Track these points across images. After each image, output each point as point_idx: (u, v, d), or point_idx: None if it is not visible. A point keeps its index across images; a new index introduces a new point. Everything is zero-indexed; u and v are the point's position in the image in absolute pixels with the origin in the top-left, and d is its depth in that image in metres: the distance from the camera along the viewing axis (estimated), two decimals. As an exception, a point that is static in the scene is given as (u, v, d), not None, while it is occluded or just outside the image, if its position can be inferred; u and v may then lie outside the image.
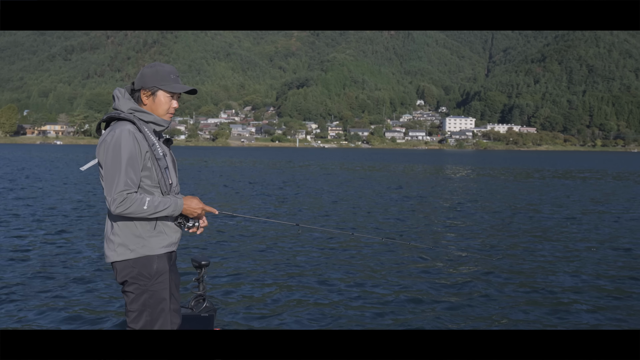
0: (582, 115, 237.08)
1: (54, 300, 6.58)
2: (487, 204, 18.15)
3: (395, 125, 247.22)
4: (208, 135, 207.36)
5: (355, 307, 6.66)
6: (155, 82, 3.07)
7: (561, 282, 7.82)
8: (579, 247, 10.54)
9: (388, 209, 16.38)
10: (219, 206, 16.42)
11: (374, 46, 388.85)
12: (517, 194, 21.88)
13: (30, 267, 8.17)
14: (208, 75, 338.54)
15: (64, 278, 7.61)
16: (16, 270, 8.02)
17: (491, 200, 19.22)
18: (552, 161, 72.91)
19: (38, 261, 8.61)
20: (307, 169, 41.82)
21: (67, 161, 48.84)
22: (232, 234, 11.52)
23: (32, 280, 7.44)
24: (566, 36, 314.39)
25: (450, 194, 22.01)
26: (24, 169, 34.94)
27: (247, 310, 6.51)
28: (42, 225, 12.26)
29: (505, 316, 6.35)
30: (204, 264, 4.19)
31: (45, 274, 7.82)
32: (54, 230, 11.54)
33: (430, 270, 8.38)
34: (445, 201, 18.89)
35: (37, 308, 6.26)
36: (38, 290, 6.97)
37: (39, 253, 9.23)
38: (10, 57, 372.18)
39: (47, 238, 10.66)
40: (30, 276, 7.66)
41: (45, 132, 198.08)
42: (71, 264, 8.44)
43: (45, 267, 8.18)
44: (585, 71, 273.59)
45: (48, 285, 7.22)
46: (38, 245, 9.95)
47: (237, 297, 7.03)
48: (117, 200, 2.86)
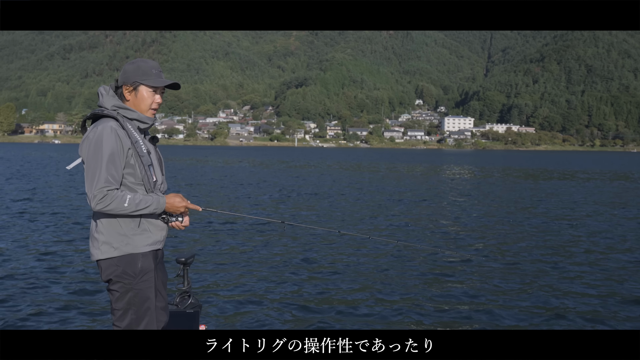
0: (581, 115, 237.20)
1: (41, 301, 6.56)
2: (495, 207, 18.15)
3: (394, 124, 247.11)
4: (206, 135, 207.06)
5: (343, 303, 6.70)
6: (137, 77, 3.05)
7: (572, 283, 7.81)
8: (582, 247, 10.54)
9: (386, 208, 16.38)
10: (216, 205, 16.41)
11: (373, 46, 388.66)
12: (524, 195, 21.87)
13: (19, 268, 8.15)
14: (207, 74, 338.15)
15: (51, 278, 7.59)
16: (5, 269, 7.99)
17: (501, 203, 19.21)
18: (556, 161, 72.90)
19: (26, 262, 8.59)
20: (304, 170, 41.79)
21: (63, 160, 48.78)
22: (219, 230, 11.59)
23: (21, 282, 7.42)
24: (565, 36, 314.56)
25: (457, 195, 22.01)
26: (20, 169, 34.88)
27: (232, 305, 6.57)
28: (31, 225, 12.25)
29: (504, 316, 6.36)
30: (187, 260, 4.18)
31: (32, 274, 7.79)
32: (44, 230, 11.54)
33: (424, 270, 8.37)
34: (450, 204, 18.89)
35: (25, 309, 6.24)
36: (24, 291, 6.95)
37: (26, 253, 9.23)
38: (9, 56, 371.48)
39: (35, 239, 10.67)
40: (19, 277, 7.63)
41: (44, 131, 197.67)
42: (59, 263, 8.42)
43: (33, 267, 8.16)
44: (584, 71, 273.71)
45: (35, 285, 7.19)
46: (26, 245, 9.95)
47: (222, 292, 7.09)
48: (97, 196, 2.84)
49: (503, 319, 6.21)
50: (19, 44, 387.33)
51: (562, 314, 6.40)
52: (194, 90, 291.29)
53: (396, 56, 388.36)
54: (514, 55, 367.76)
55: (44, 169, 34.64)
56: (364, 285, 7.50)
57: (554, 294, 7.19)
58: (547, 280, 7.94)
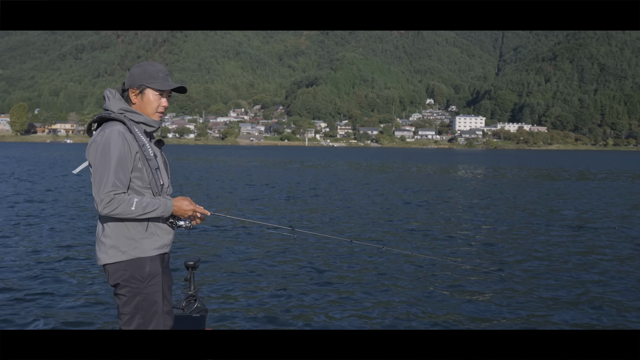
0: (594, 114, 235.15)
1: (48, 305, 6.54)
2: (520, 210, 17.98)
3: (404, 124, 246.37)
4: (217, 134, 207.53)
5: (350, 308, 6.63)
6: (143, 80, 3.04)
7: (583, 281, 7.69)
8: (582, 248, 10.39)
9: (400, 212, 16.28)
10: (222, 208, 16.41)
11: (384, 45, 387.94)
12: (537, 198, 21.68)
13: (24, 269, 8.14)
14: (217, 74, 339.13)
15: (57, 281, 7.57)
16: (12, 271, 7.99)
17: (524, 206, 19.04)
18: (572, 161, 72.28)
19: (33, 263, 8.59)
20: (315, 169, 41.73)
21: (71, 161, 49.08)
22: (227, 234, 11.52)
23: (27, 283, 7.41)
24: (577, 34, 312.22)
25: (476, 198, 21.85)
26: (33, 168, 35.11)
27: (239, 310, 6.52)
28: (34, 227, 12.29)
29: (504, 316, 6.28)
30: (195, 264, 4.16)
31: (40, 276, 7.78)
32: (48, 232, 11.57)
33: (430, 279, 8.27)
34: (465, 208, 18.75)
35: (28, 316, 6.22)
36: (31, 295, 6.93)
37: (33, 256, 9.23)
38: (22, 56, 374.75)
39: (41, 239, 10.69)
40: (25, 278, 7.63)
41: (56, 130, 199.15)
42: (65, 267, 8.41)
43: (39, 269, 8.16)
44: (597, 70, 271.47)
45: (42, 289, 7.18)
46: (32, 247, 9.98)
47: (228, 297, 7.04)
48: (105, 200, 2.83)
49: (503, 319, 6.09)
50: (32, 44, 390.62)
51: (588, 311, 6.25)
52: (205, 89, 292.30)
53: (407, 55, 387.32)
54: (525, 54, 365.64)
55: (53, 170, 34.84)
56: (378, 300, 7.29)
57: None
58: (552, 278, 7.80)
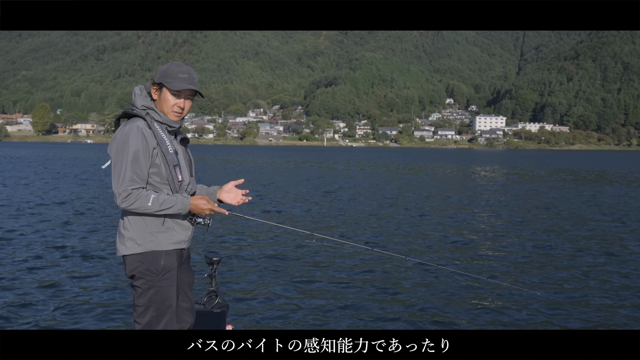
0: (617, 114, 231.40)
1: (72, 296, 6.58)
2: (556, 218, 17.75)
3: (424, 124, 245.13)
4: (236, 134, 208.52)
5: (367, 307, 6.64)
6: (162, 78, 3.11)
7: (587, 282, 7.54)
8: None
9: (425, 218, 16.16)
10: (244, 207, 16.43)
11: (403, 44, 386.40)
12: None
13: (46, 263, 8.19)
14: (237, 74, 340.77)
15: (76, 273, 7.64)
16: (29, 270, 8.03)
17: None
18: (608, 163, 71.13)
19: (54, 257, 8.65)
20: (334, 171, 41.68)
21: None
22: (248, 233, 11.56)
23: (39, 274, 7.46)
24: (600, 33, 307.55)
25: (506, 206, 21.57)
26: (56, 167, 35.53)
27: (260, 306, 6.56)
28: (52, 221, 12.42)
29: (504, 316, 6.20)
30: (216, 260, 4.20)
31: (60, 269, 7.80)
32: (64, 225, 11.70)
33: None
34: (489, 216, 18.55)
35: (50, 306, 6.23)
36: (54, 286, 6.96)
37: (50, 251, 9.32)
38: (44, 57, 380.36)
39: (57, 233, 10.81)
40: (46, 271, 7.65)
41: (77, 130, 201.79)
42: (83, 258, 8.47)
43: (60, 262, 8.20)
44: (621, 68, 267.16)
45: (62, 282, 7.19)
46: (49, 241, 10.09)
47: (250, 293, 7.08)
48: (122, 195, 2.93)
49: (504, 320, 5.99)
50: (54, 45, 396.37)
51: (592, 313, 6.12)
52: (224, 90, 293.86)
53: (427, 55, 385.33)
54: (547, 53, 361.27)
55: (76, 167, 35.26)
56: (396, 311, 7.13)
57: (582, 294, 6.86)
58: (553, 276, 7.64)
